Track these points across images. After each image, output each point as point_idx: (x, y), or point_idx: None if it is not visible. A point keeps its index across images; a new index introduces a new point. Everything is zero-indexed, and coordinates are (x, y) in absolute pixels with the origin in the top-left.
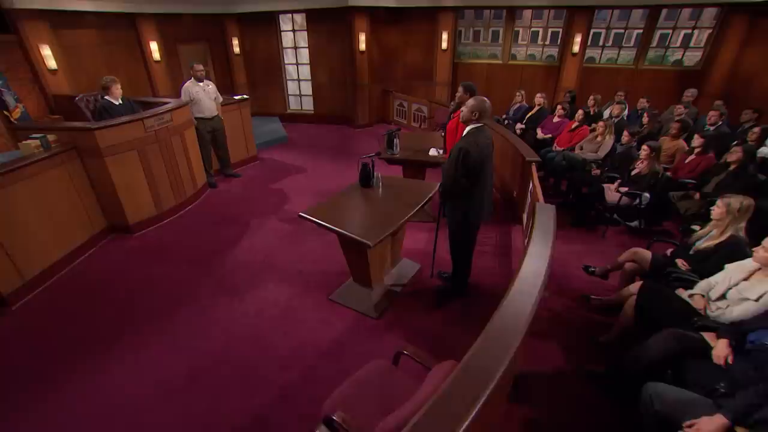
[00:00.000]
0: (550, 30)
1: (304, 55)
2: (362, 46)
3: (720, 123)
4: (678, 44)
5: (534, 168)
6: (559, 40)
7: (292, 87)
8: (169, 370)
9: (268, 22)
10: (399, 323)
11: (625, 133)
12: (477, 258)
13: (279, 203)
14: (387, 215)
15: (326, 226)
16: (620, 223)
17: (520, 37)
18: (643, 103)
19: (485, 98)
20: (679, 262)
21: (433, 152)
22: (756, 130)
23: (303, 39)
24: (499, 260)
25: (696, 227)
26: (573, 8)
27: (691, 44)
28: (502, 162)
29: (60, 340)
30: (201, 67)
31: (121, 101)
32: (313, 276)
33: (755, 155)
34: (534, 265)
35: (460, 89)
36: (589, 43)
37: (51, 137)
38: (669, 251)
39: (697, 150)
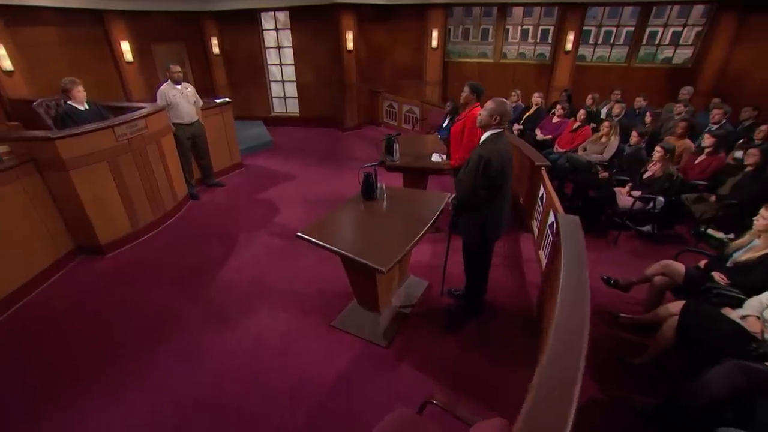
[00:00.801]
0: (540, 28)
1: (288, 54)
2: (350, 45)
3: (724, 121)
4: (667, 42)
5: (545, 173)
6: (550, 38)
7: (275, 89)
8: (148, 419)
9: (249, 20)
10: (411, 351)
11: (634, 133)
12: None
13: (268, 215)
14: (397, 233)
15: (329, 248)
16: (630, 227)
17: (510, 35)
18: (640, 101)
19: (505, 100)
20: (717, 275)
21: (435, 158)
22: (763, 128)
23: (287, 38)
24: (511, 273)
25: (716, 233)
26: (565, 5)
27: (681, 42)
28: None
29: (16, 386)
30: (178, 68)
31: (87, 106)
32: (310, 298)
33: None
34: (573, 294)
35: (466, 89)
36: (579, 41)
37: (2, 149)
38: (702, 263)
39: (708, 150)
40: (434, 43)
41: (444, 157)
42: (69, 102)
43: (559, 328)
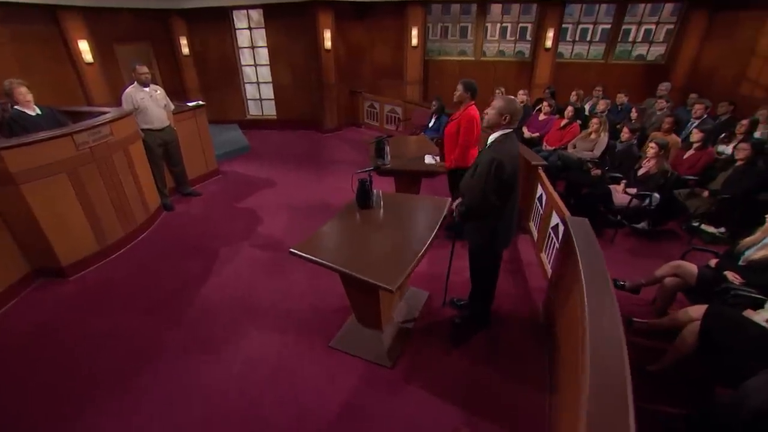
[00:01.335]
0: (519, 25)
1: (263, 55)
2: (327, 44)
3: (705, 116)
4: (640, 39)
5: (542, 173)
6: (528, 36)
7: (250, 90)
8: None
9: (221, 19)
10: (419, 370)
11: (625, 129)
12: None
13: (250, 225)
14: (400, 244)
15: (327, 266)
16: (624, 225)
17: (489, 33)
18: (621, 98)
19: (514, 98)
20: (730, 275)
21: (429, 160)
22: (744, 122)
23: (261, 37)
24: (513, 277)
25: (708, 228)
26: (544, 2)
27: (653, 39)
28: None
29: None
30: (145, 69)
31: (39, 111)
32: (303, 316)
33: (764, 150)
34: (600, 306)
35: (460, 87)
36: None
37: None
38: (713, 262)
39: (696, 145)
40: (414, 42)
41: (437, 158)
42: (16, 107)
43: (596, 348)
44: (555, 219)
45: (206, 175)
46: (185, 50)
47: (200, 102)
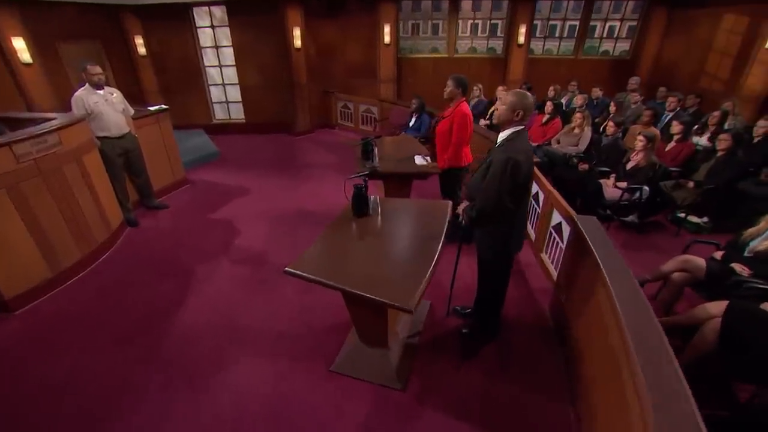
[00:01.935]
0: (489, 22)
1: (228, 55)
2: (297, 43)
3: (678, 109)
4: (605, 35)
5: (537, 170)
6: (499, 32)
7: (216, 93)
8: None
9: (180, 16)
10: (432, 390)
11: (610, 123)
12: (473, 274)
13: (227, 238)
14: (407, 255)
15: (330, 285)
16: (614, 219)
17: (460, 30)
18: (597, 92)
19: (527, 92)
20: (737, 267)
21: (419, 161)
22: (716, 113)
23: (225, 36)
24: (513, 280)
25: (693, 218)
26: None
27: (616, 35)
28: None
29: None
30: (98, 69)
31: None
32: (297, 338)
33: (743, 140)
34: (634, 308)
35: (450, 83)
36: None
37: None
38: (718, 254)
39: (677, 137)
40: (387, 39)
41: (428, 159)
42: None
43: (643, 353)
44: (557, 218)
45: (173, 185)
46: (141, 50)
47: (163, 106)
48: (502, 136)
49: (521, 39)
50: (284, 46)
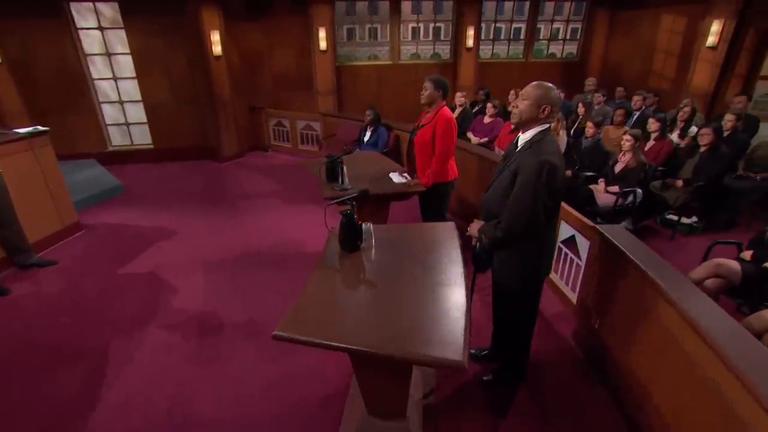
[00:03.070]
0: (432, 25)
1: (126, 64)
2: (217, 49)
3: (644, 107)
4: (549, 38)
5: None
6: (443, 35)
7: (111, 113)
8: None
9: (51, 14)
10: None
11: (590, 125)
12: (482, 308)
13: (151, 297)
14: (425, 294)
15: (341, 348)
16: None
17: (401, 35)
18: (559, 94)
19: (552, 84)
20: None
21: (397, 178)
22: (686, 109)
23: (120, 41)
24: None
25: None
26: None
27: (566, 37)
28: (467, 181)
29: None
30: None
31: None
32: (277, 425)
33: (722, 133)
34: (728, 331)
35: (429, 85)
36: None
37: None
38: (747, 254)
39: (655, 135)
40: (323, 45)
41: (406, 175)
42: None
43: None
44: (566, 231)
45: (62, 233)
46: None
47: (39, 127)
48: (525, 137)
49: (470, 42)
50: (200, 53)
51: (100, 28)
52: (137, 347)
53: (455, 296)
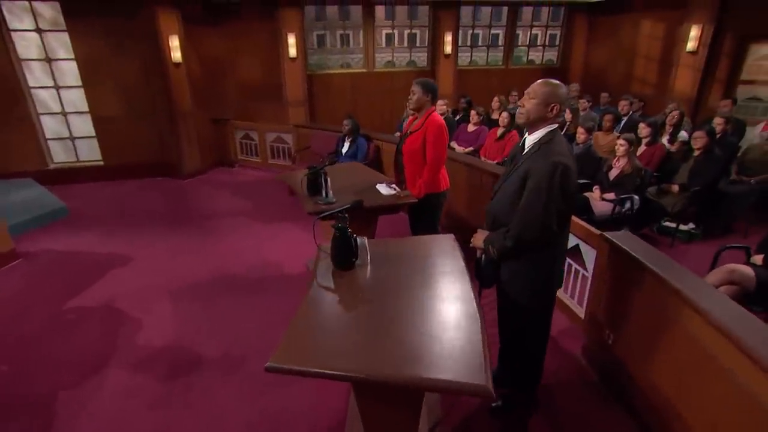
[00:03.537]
0: (407, 31)
1: (70, 72)
2: (176, 56)
3: (631, 112)
4: (528, 44)
5: None
6: (419, 42)
7: (53, 126)
8: None
9: None
10: None
11: (581, 130)
12: (486, 326)
13: (109, 334)
14: (432, 314)
15: (346, 377)
16: None
17: (375, 41)
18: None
19: (559, 81)
20: None
21: (385, 190)
22: (675, 114)
23: (63, 45)
24: None
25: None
26: (438, 3)
27: (546, 43)
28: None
29: None
30: None
31: None
32: None
33: (715, 136)
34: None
35: (417, 89)
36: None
37: None
38: (758, 258)
39: (646, 140)
40: (292, 52)
41: (394, 186)
42: None
43: None
44: (570, 240)
45: None
46: None
47: None
48: (533, 138)
49: (448, 49)
50: (157, 60)
51: (38, 31)
52: (92, 394)
53: (467, 313)
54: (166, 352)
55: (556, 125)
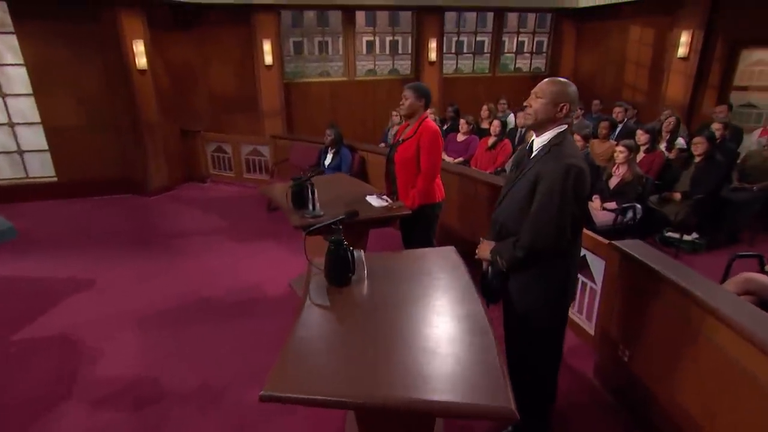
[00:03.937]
0: (389, 38)
1: (19, 78)
2: (141, 62)
3: (626, 119)
4: (515, 51)
5: None
6: (401, 49)
7: None
8: None
9: None
10: None
11: (577, 137)
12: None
13: (68, 368)
14: (440, 332)
15: (348, 404)
16: None
17: (355, 49)
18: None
19: (567, 80)
20: None
21: (376, 202)
22: (671, 120)
23: (11, 50)
24: None
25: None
26: (421, 9)
27: (533, 50)
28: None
29: None
30: None
31: None
32: None
33: (716, 141)
34: None
35: (410, 94)
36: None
37: None
38: None
39: (644, 147)
40: (268, 59)
41: (386, 198)
42: None
43: None
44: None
45: None
46: None
47: None
48: (541, 140)
49: (432, 56)
50: (120, 67)
51: None
52: None
53: (479, 329)
54: (132, 386)
55: (566, 126)
